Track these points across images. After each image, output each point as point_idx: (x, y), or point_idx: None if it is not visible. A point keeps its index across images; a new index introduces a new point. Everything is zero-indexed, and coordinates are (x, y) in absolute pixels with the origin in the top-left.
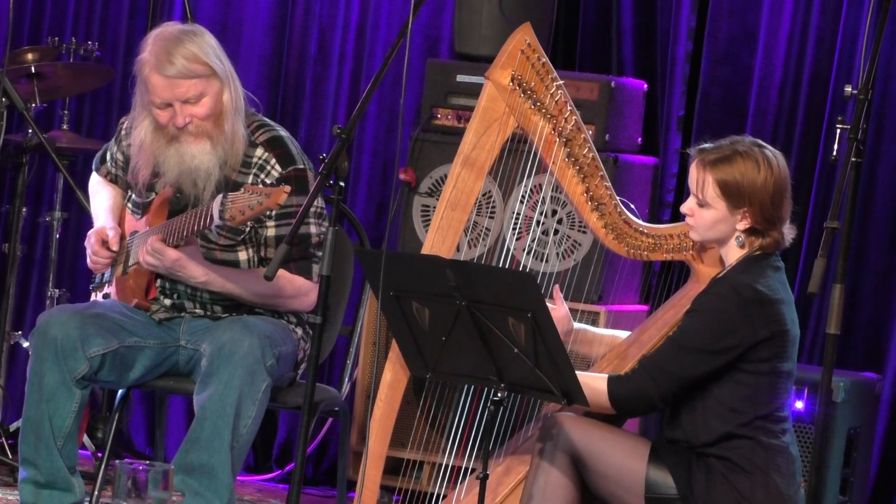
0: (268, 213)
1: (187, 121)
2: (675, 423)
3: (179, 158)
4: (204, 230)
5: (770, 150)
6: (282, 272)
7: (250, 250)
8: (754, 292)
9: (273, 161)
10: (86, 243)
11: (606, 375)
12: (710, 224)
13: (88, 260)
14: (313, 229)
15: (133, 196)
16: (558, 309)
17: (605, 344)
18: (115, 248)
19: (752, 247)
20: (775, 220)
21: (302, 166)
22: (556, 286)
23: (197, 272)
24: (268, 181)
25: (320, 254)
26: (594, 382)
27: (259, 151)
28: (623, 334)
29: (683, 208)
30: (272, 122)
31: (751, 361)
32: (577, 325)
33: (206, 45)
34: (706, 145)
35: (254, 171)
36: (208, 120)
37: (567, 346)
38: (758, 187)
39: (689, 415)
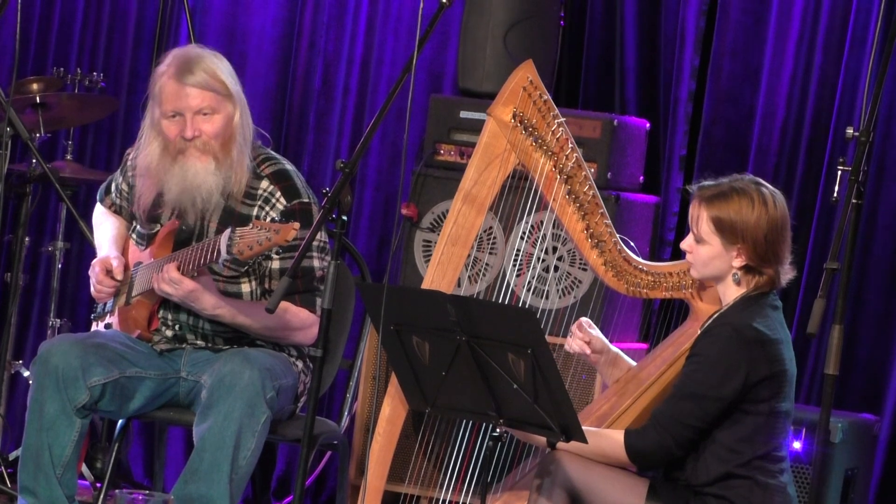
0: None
1: (196, 134)
2: (674, 462)
3: (182, 175)
4: (210, 264)
5: (768, 189)
6: (287, 304)
7: (253, 282)
8: (755, 332)
9: (278, 194)
10: (90, 272)
11: (623, 431)
12: (707, 260)
13: (92, 289)
14: (316, 263)
15: (138, 227)
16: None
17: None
18: (119, 277)
19: (749, 285)
20: (770, 258)
21: (307, 200)
22: (580, 319)
23: (208, 303)
24: (273, 214)
25: (323, 287)
26: (610, 437)
27: (265, 184)
28: None
29: (683, 245)
30: (278, 156)
31: (751, 402)
32: (623, 354)
33: (226, 68)
34: (706, 182)
35: (259, 202)
36: (216, 139)
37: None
38: (750, 225)
39: (690, 456)
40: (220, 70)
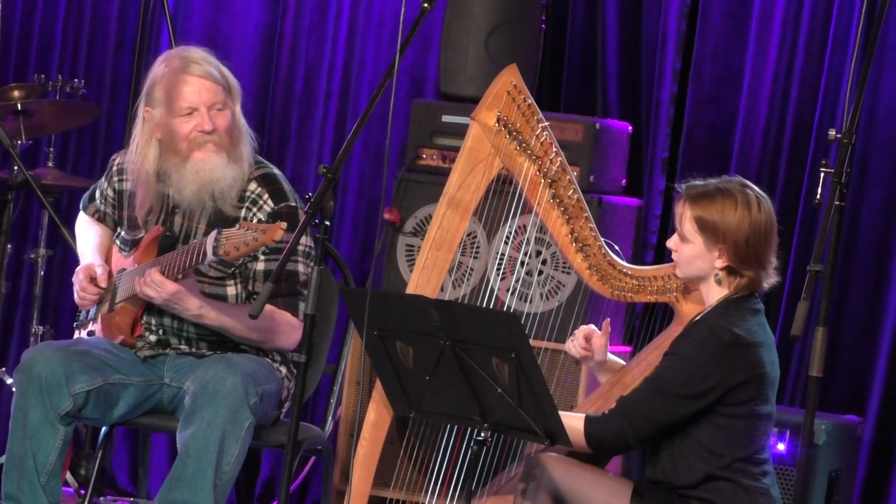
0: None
1: (213, 128)
2: (657, 465)
3: (196, 174)
4: (197, 266)
5: (754, 192)
6: (272, 307)
7: (239, 285)
8: (732, 336)
9: (266, 196)
10: (74, 279)
11: (584, 415)
12: (690, 259)
13: (76, 296)
14: (301, 268)
15: (122, 233)
16: (601, 337)
17: None
18: (103, 284)
19: (731, 287)
20: (751, 260)
21: (294, 204)
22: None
23: (192, 305)
24: (260, 215)
25: (306, 292)
26: (572, 422)
27: (252, 185)
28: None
29: (669, 243)
30: (265, 161)
31: (728, 405)
32: (612, 356)
33: (224, 67)
34: (695, 182)
35: (247, 204)
36: (228, 134)
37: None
38: (732, 226)
39: (670, 457)
40: (222, 67)
